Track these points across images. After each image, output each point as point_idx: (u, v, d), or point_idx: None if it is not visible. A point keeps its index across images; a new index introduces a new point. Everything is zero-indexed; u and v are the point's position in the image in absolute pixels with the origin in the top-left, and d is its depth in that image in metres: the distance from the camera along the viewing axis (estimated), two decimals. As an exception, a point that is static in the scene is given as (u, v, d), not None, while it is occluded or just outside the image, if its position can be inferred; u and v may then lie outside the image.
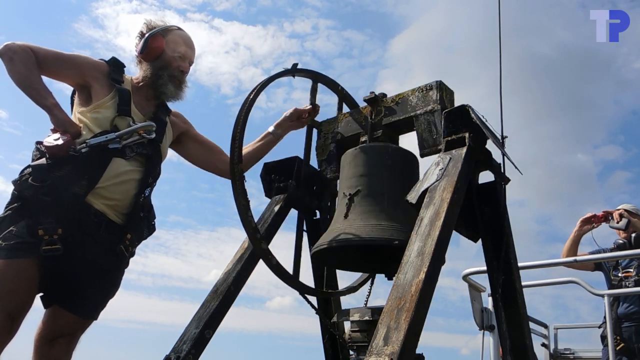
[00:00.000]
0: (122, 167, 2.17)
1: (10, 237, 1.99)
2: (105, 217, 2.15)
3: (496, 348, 3.61)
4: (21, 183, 2.05)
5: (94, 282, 2.16)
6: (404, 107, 2.16)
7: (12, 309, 1.97)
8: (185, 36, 2.48)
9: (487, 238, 1.99)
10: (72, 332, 2.19)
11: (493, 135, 1.92)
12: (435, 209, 1.64)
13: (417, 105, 2.12)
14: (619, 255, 3.94)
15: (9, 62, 2.12)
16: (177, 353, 1.82)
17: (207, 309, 1.95)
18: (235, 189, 1.98)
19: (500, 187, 2.01)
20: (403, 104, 2.17)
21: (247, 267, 2.08)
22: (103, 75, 2.29)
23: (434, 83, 2.10)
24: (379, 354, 1.30)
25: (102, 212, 2.14)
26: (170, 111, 2.49)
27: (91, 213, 2.11)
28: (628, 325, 3.92)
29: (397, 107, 2.19)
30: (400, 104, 2.18)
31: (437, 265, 1.52)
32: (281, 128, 2.59)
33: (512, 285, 1.97)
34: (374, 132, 2.21)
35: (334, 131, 2.38)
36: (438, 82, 2.10)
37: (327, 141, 2.39)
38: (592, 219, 4.23)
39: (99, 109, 2.22)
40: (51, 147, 2.03)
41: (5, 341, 1.97)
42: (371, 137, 2.21)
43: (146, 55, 2.37)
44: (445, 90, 2.11)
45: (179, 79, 2.40)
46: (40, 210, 2.01)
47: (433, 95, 2.08)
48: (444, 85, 2.11)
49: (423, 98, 2.11)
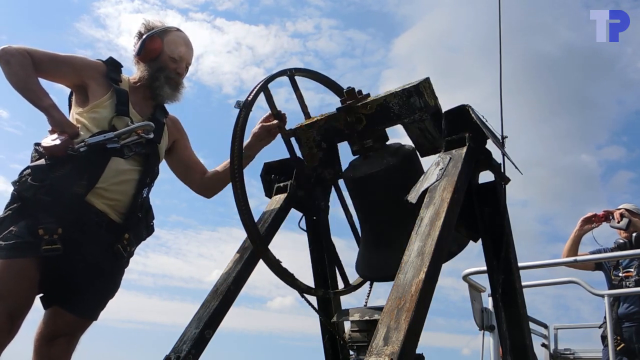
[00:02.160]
0: (121, 166, 2.18)
1: (10, 237, 1.99)
2: (106, 216, 2.16)
3: (496, 348, 3.61)
4: (21, 184, 2.05)
5: (93, 282, 2.17)
6: (387, 115, 2.02)
7: (12, 309, 1.97)
8: (183, 37, 2.48)
9: (487, 238, 1.99)
10: (72, 332, 2.19)
11: (493, 135, 1.92)
12: (435, 209, 1.64)
13: (401, 113, 1.98)
14: (620, 255, 3.94)
15: (6, 64, 2.12)
16: (177, 353, 1.82)
17: (207, 309, 1.95)
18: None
19: (500, 187, 2.01)
20: (384, 112, 2.02)
21: (247, 267, 2.07)
22: (100, 75, 2.29)
23: (412, 88, 1.93)
24: (379, 354, 1.30)
25: (104, 211, 2.15)
26: (167, 114, 2.49)
27: (92, 212, 2.12)
28: (628, 326, 3.92)
29: (379, 115, 2.04)
30: (381, 112, 2.03)
31: (437, 265, 1.52)
32: (253, 149, 2.41)
33: (512, 285, 1.97)
34: (363, 141, 2.11)
35: (315, 140, 2.23)
36: (415, 86, 1.93)
37: (312, 150, 2.25)
38: (593, 219, 4.23)
39: (96, 108, 2.22)
40: (49, 148, 2.04)
41: (5, 341, 1.98)
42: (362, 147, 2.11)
43: (143, 56, 2.38)
44: (427, 93, 1.94)
45: (175, 80, 2.40)
46: (40, 210, 2.02)
47: (415, 102, 1.93)
48: (424, 87, 1.94)
49: (405, 106, 1.96)
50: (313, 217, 2.36)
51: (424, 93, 1.93)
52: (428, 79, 1.97)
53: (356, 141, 2.13)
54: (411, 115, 1.97)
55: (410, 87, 1.95)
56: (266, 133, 2.39)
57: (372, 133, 2.10)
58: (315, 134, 2.22)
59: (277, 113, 2.30)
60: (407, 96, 1.95)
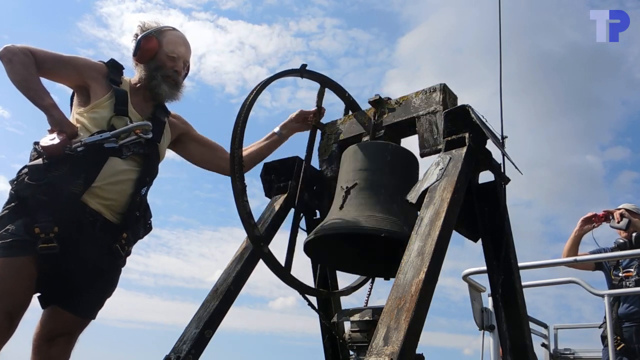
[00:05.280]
0: (118, 166, 2.18)
1: (6, 236, 2.00)
2: (100, 216, 2.15)
3: (496, 348, 3.61)
4: (18, 183, 2.06)
5: (91, 281, 2.17)
6: (407, 108, 2.16)
7: (9, 307, 1.97)
8: (180, 36, 2.48)
9: (487, 238, 1.99)
10: (70, 332, 2.20)
11: (493, 135, 1.92)
12: (435, 208, 1.64)
13: (419, 106, 2.12)
14: (620, 255, 3.94)
15: (8, 63, 2.13)
16: (177, 353, 1.82)
17: (207, 309, 1.95)
18: (235, 189, 1.98)
19: (500, 187, 2.01)
20: (406, 106, 2.17)
21: (247, 267, 2.08)
22: (101, 76, 2.30)
23: (437, 85, 2.11)
24: (379, 354, 1.30)
25: (98, 211, 2.15)
26: (169, 113, 2.50)
27: (86, 212, 2.12)
28: (628, 326, 3.92)
29: (400, 108, 2.19)
30: (403, 105, 2.18)
31: (437, 265, 1.52)
32: (286, 129, 2.62)
33: (512, 285, 1.97)
34: (376, 132, 2.22)
35: (337, 132, 2.39)
36: (442, 84, 2.10)
37: (329, 142, 2.39)
38: (593, 219, 4.22)
39: (96, 109, 2.23)
40: (47, 147, 2.04)
41: (3, 340, 1.98)
42: (373, 137, 2.21)
43: (140, 57, 2.38)
44: (449, 93, 2.11)
45: (173, 78, 2.40)
46: (37, 209, 2.02)
47: (436, 97, 2.08)
48: (448, 88, 2.11)
49: (426, 100, 2.11)
50: (313, 217, 2.36)
51: (446, 91, 2.10)
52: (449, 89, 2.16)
53: (371, 132, 2.24)
54: (428, 107, 2.09)
55: (437, 84, 2.11)
56: (302, 119, 2.54)
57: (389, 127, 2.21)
58: (340, 128, 2.38)
59: (319, 106, 2.43)
60: (431, 92, 2.12)
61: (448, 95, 2.10)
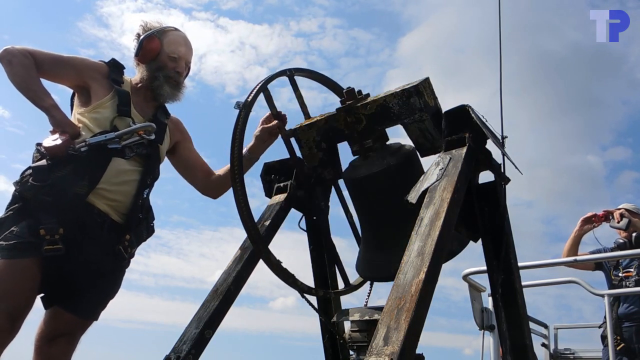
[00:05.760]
0: (122, 167, 2.18)
1: (11, 237, 1.99)
2: (108, 217, 2.16)
3: (496, 348, 3.61)
4: (22, 184, 2.06)
5: (94, 282, 2.17)
6: (387, 115, 2.02)
7: (13, 309, 1.97)
8: (182, 36, 2.48)
9: (487, 238, 1.99)
10: (72, 332, 2.20)
11: (493, 135, 1.92)
12: (435, 209, 1.64)
13: (401, 113, 1.99)
14: (619, 255, 3.94)
15: (8, 65, 2.13)
16: (177, 353, 1.82)
17: (207, 309, 1.95)
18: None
19: (500, 187, 2.01)
20: (384, 112, 2.02)
21: (248, 267, 2.07)
22: (102, 76, 2.30)
23: (411, 89, 1.94)
24: (379, 354, 1.30)
25: (105, 212, 2.15)
26: (169, 115, 2.49)
27: (94, 213, 2.12)
28: (628, 326, 3.92)
29: (379, 116, 2.04)
30: (380, 112, 2.03)
31: (437, 265, 1.52)
32: (256, 151, 2.44)
33: (512, 285, 1.97)
34: (363, 141, 2.11)
35: (316, 139, 2.23)
36: (414, 86, 1.94)
37: (312, 150, 2.25)
38: (593, 219, 4.22)
39: (98, 109, 2.23)
40: (50, 148, 2.04)
41: (6, 341, 1.98)
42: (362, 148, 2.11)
43: (142, 57, 2.38)
44: (427, 93, 1.95)
45: (175, 79, 2.40)
46: (42, 210, 2.02)
47: (415, 103, 1.94)
48: (423, 87, 1.95)
49: (405, 106, 1.97)
50: (313, 217, 2.36)
51: (423, 93, 1.94)
52: (428, 79, 1.98)
53: (356, 141, 2.12)
54: (411, 115, 1.97)
55: (410, 87, 1.95)
56: (267, 134, 2.40)
57: (372, 133, 2.09)
58: (315, 134, 2.22)
59: (277, 114, 2.30)
60: (407, 96, 1.95)
61: (427, 95, 1.94)
